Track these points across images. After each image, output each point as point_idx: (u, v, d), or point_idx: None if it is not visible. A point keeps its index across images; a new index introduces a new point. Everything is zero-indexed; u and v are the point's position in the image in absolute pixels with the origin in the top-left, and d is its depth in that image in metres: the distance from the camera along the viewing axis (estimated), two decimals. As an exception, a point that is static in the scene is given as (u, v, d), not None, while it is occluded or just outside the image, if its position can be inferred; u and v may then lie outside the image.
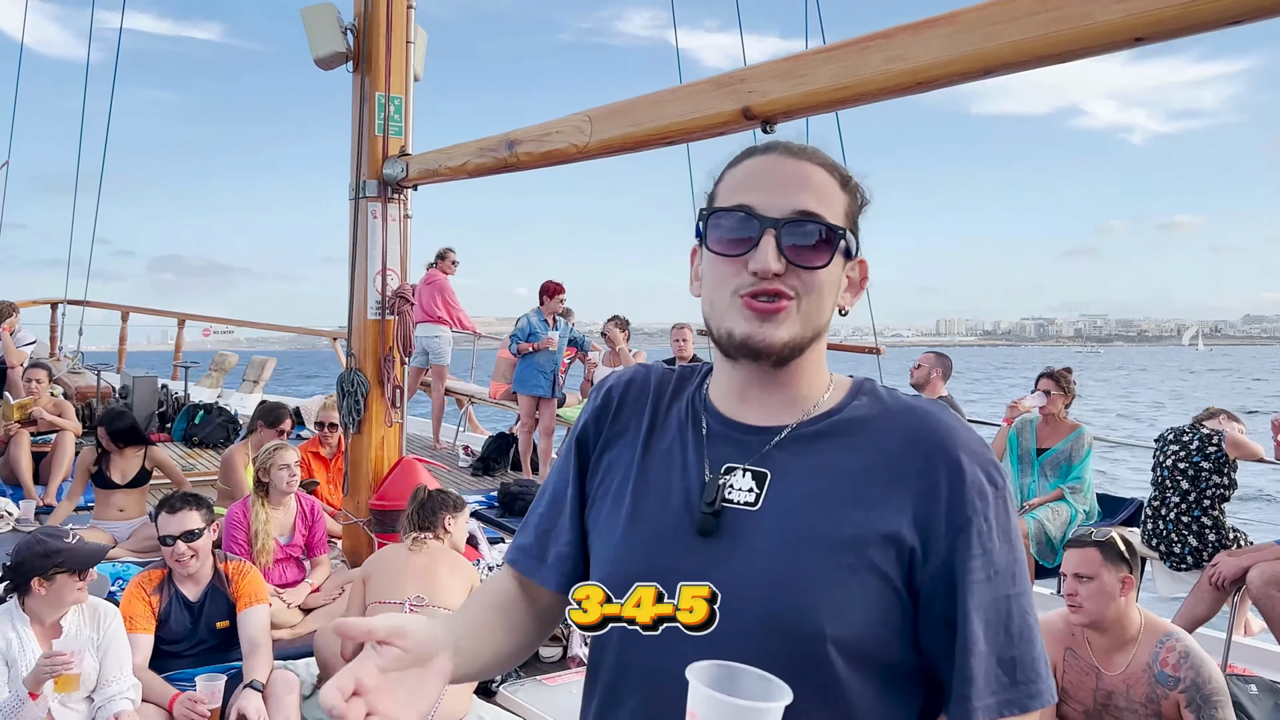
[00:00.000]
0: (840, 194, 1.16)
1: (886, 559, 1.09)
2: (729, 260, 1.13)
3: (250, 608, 3.78)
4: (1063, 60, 2.35)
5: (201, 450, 9.17)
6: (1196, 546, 4.93)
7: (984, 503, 1.10)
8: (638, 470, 1.22)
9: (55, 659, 3.05)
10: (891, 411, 1.17)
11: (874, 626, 1.09)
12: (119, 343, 12.96)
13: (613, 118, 3.59)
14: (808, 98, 2.84)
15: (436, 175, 4.76)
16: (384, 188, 4.99)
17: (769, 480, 1.14)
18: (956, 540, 1.08)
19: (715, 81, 3.17)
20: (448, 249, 9.51)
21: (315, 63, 4.97)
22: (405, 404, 5.24)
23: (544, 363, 8.37)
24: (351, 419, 5.00)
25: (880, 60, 2.61)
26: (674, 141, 3.48)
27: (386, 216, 5.02)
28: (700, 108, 3.21)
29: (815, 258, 1.12)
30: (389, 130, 4.99)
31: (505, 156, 4.14)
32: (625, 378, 1.33)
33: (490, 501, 7.47)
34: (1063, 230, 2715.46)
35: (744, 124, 3.08)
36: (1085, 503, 5.60)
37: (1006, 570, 1.10)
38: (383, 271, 5.03)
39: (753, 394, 1.19)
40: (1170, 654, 2.96)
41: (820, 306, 1.14)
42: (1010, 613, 1.10)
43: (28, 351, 9.88)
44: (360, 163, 5.03)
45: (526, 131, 4.03)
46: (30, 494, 6.84)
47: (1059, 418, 5.79)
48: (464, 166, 4.46)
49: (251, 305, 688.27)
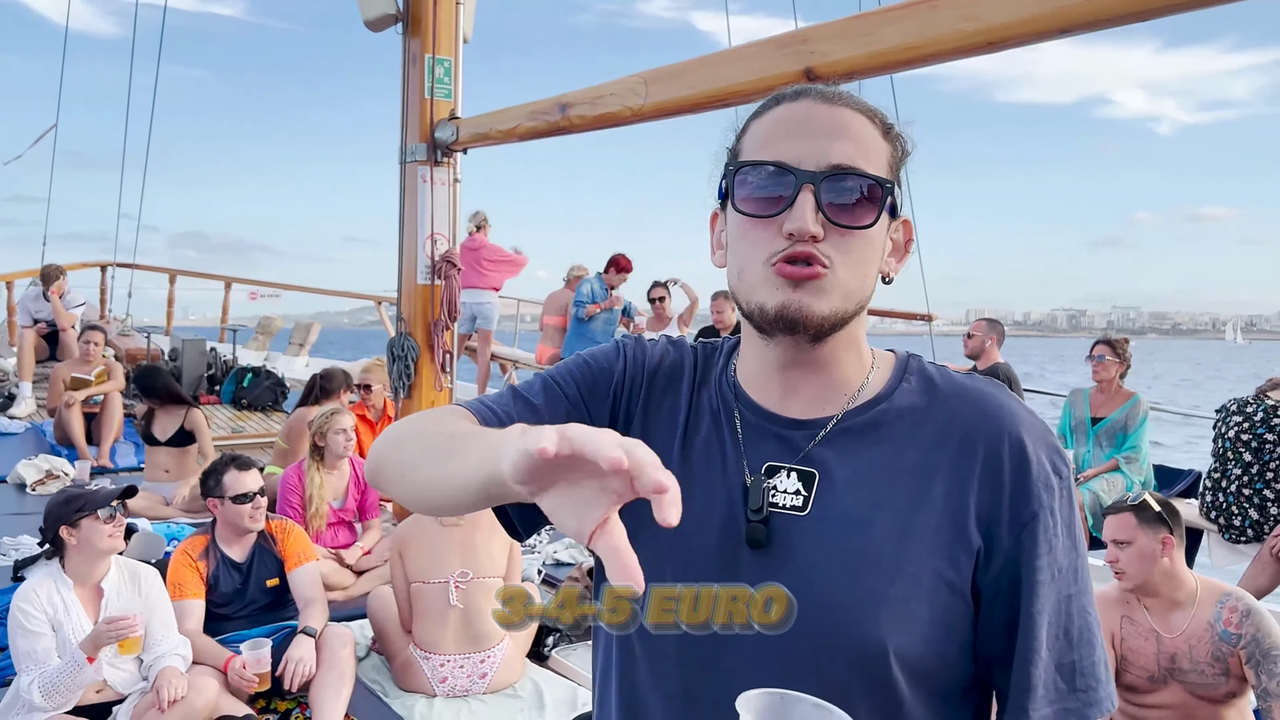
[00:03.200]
0: (882, 143, 1.02)
1: (952, 564, 0.99)
2: (760, 222, 1.00)
3: (300, 566, 3.81)
4: (1147, 17, 2.27)
5: (250, 412, 9.27)
6: (1258, 519, 4.83)
7: (1049, 494, 1.01)
8: (679, 467, 1.08)
9: (119, 623, 3.07)
10: (945, 395, 1.06)
11: (939, 641, 0.99)
12: (167, 305, 13.11)
13: (669, 79, 3.52)
14: (874, 58, 2.76)
15: (487, 138, 4.72)
16: (433, 151, 4.96)
17: (817, 481, 1.03)
18: (1022, 536, 0.99)
19: (776, 41, 3.09)
20: (483, 215, 9.46)
21: (365, 24, 4.94)
22: (455, 368, 5.24)
23: (599, 334, 8.35)
24: (402, 383, 5.02)
25: (952, 18, 2.52)
26: (731, 103, 3.41)
27: (435, 180, 5.00)
28: (760, 69, 3.13)
29: (859, 216, 0.99)
30: (438, 93, 4.96)
31: (558, 119, 4.09)
32: (659, 351, 1.18)
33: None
34: (1089, 221, 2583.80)
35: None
36: (1141, 473, 5.51)
37: (1070, 568, 1.01)
38: (431, 236, 5.02)
39: (789, 378, 1.06)
40: (1234, 614, 2.95)
41: (864, 274, 1.01)
42: (1071, 614, 1.01)
43: (78, 313, 10.04)
44: (408, 126, 5.01)
45: (579, 94, 3.98)
46: (84, 454, 6.96)
47: (1115, 386, 5.69)
48: (515, 130, 4.41)
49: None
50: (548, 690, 3.71)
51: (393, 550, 3.80)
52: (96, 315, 11.91)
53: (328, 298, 28.94)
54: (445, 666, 3.60)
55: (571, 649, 4.14)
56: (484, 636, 3.65)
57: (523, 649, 3.85)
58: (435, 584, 3.64)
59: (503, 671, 3.66)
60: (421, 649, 3.64)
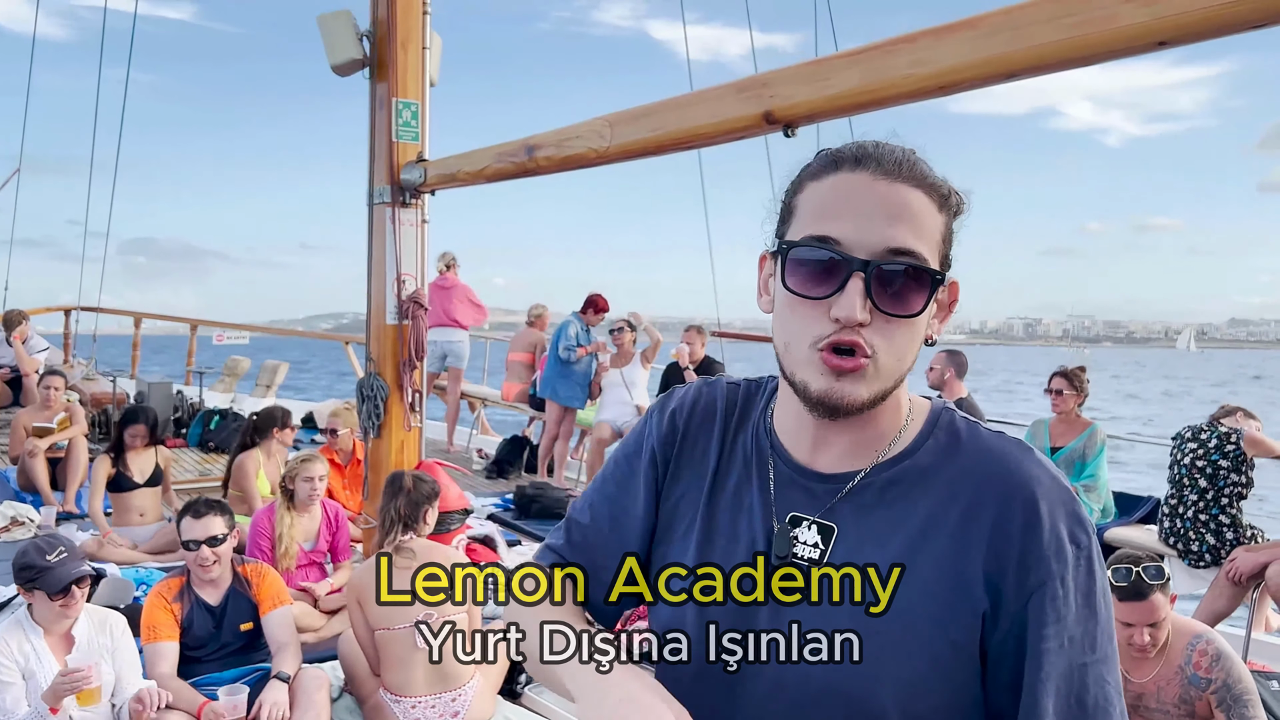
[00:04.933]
0: (938, 216, 1.03)
1: (958, 624, 1.01)
2: (808, 303, 1.01)
3: (274, 610, 3.80)
4: (1086, 64, 2.37)
5: (218, 455, 9.19)
6: (1215, 545, 4.94)
7: (1061, 564, 1.00)
8: (705, 509, 1.14)
9: (73, 675, 3.05)
10: (967, 453, 1.07)
11: (935, 695, 1.01)
12: (131, 349, 13.02)
13: (633, 122, 3.61)
14: (830, 101, 2.86)
15: (455, 180, 4.78)
16: (400, 193, 5.02)
17: (835, 536, 1.06)
18: (1029, 603, 0.99)
19: (736, 86, 3.19)
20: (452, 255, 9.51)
21: (333, 69, 5.00)
22: (424, 408, 5.26)
23: (579, 375, 8.39)
24: (371, 423, 5.03)
25: (904, 64, 2.63)
26: (694, 146, 3.51)
27: (399, 221, 5.05)
28: (721, 112, 3.23)
29: (908, 305, 1.00)
30: (404, 136, 5.02)
31: (524, 161, 4.17)
32: (689, 399, 1.22)
33: (506, 504, 7.50)
34: (1041, 230, 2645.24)
35: (765, 128, 3.10)
36: (1100, 500, 5.62)
37: (1084, 637, 1.00)
38: (399, 277, 5.06)
39: (822, 434, 1.09)
40: (1203, 657, 2.97)
41: (906, 355, 1.03)
42: (1086, 683, 1.00)
43: (41, 358, 9.95)
44: (376, 168, 5.07)
45: (546, 136, 4.06)
46: (49, 500, 6.89)
47: (1072, 416, 5.81)
48: (483, 171, 4.48)
49: (230, 293, 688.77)
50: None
51: (350, 599, 3.78)
52: (60, 360, 11.80)
53: (288, 311, 28.61)
54: (416, 709, 3.60)
55: (544, 686, 4.13)
56: (453, 675, 3.65)
57: (494, 686, 3.85)
58: (400, 629, 3.62)
59: (474, 709, 3.66)
60: (391, 693, 3.63)
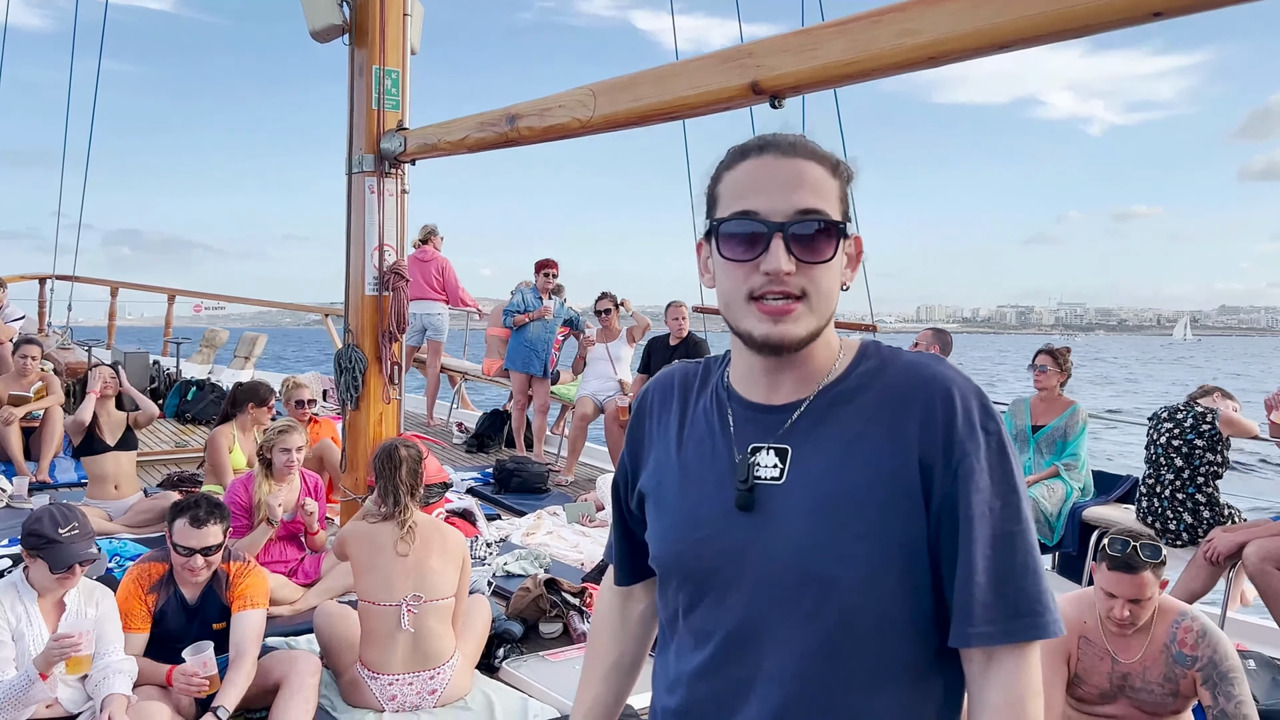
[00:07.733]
0: (833, 181, 1.25)
1: (901, 506, 1.19)
2: (741, 264, 1.22)
3: (245, 611, 3.56)
4: (1077, 35, 2.33)
5: (195, 426, 9.14)
6: (1191, 523, 4.96)
7: (974, 445, 1.20)
8: (677, 462, 1.35)
9: (65, 641, 3.03)
10: (893, 370, 1.27)
11: (892, 572, 1.19)
12: (108, 318, 12.87)
13: (617, 92, 3.55)
14: (817, 72, 2.81)
15: (435, 150, 4.71)
16: (380, 162, 4.94)
17: (790, 455, 1.25)
18: (955, 479, 1.19)
19: (722, 56, 3.13)
20: (434, 227, 9.45)
21: (312, 35, 4.91)
22: (403, 380, 5.21)
23: (536, 341, 8.36)
24: (349, 395, 4.98)
25: (892, 34, 2.58)
26: (679, 116, 3.45)
27: (383, 191, 4.98)
28: (707, 82, 3.17)
29: (821, 252, 1.22)
30: (385, 104, 4.94)
31: (506, 131, 4.10)
32: (650, 385, 1.46)
33: (486, 478, 7.48)
34: (1023, 219, 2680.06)
35: (751, 99, 3.05)
36: (1080, 479, 5.63)
37: (1007, 509, 1.19)
38: (380, 247, 4.99)
39: (772, 376, 1.29)
40: (1188, 634, 2.97)
41: (830, 295, 1.24)
42: (1013, 549, 1.19)
43: (16, 327, 9.81)
44: (355, 136, 4.99)
45: (528, 105, 3.99)
46: (22, 470, 6.82)
47: (1054, 395, 5.81)
48: (463, 141, 4.41)
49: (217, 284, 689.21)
50: (498, 701, 3.70)
51: (338, 543, 3.85)
52: (35, 329, 11.65)
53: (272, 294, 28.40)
54: (394, 685, 3.57)
55: (522, 660, 4.12)
56: (434, 655, 3.62)
57: (472, 661, 3.84)
58: (387, 606, 3.59)
59: (453, 686, 3.65)
60: (369, 669, 3.60)
